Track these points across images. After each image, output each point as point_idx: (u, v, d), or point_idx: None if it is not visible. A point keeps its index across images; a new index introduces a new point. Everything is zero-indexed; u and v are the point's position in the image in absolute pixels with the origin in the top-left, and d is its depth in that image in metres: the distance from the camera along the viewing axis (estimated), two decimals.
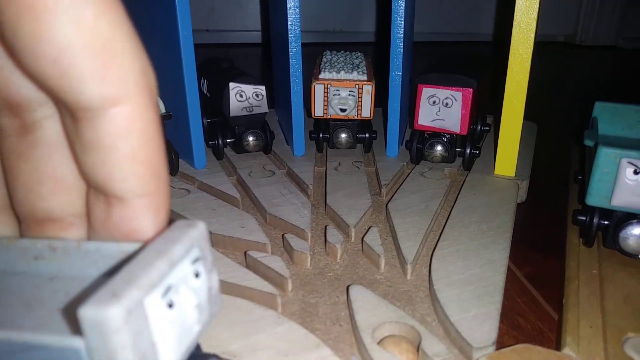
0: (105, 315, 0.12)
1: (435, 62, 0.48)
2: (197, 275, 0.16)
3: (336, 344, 0.26)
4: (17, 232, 0.19)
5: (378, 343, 0.25)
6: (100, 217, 0.17)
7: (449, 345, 0.26)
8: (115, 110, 0.15)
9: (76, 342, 0.13)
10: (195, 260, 0.16)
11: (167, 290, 0.14)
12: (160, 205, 0.17)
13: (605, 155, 0.30)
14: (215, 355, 0.18)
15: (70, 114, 0.15)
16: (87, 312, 0.12)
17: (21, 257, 0.18)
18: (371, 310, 0.27)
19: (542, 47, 0.39)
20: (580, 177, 0.40)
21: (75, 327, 0.13)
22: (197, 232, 0.16)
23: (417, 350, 0.25)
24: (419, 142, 0.45)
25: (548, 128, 0.61)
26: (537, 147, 0.52)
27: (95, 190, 0.16)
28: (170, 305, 0.14)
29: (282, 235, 0.35)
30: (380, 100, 0.50)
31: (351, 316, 0.27)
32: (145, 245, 0.16)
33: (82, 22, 0.14)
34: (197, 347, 0.18)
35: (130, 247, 0.16)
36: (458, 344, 0.25)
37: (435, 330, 0.27)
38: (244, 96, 0.45)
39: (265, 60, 0.99)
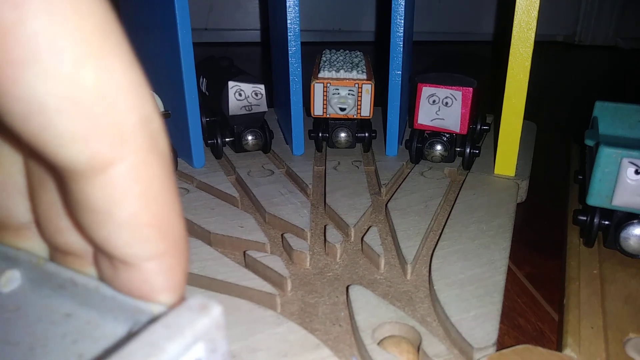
0: None
1: (434, 61, 0.48)
2: None
3: (336, 344, 0.26)
4: (45, 252, 0.18)
5: (378, 344, 0.25)
6: (108, 276, 0.15)
7: (450, 346, 0.25)
8: (107, 171, 0.12)
9: None
10: None
11: None
12: (174, 265, 0.14)
13: (606, 155, 0.30)
14: None
15: (58, 172, 0.13)
16: None
17: (48, 281, 0.17)
18: (371, 310, 0.27)
19: (540, 47, 0.39)
20: (580, 177, 0.40)
21: None
22: (206, 322, 0.13)
23: (418, 350, 0.25)
24: (418, 142, 0.45)
25: (548, 128, 0.60)
26: (536, 147, 0.51)
27: (97, 250, 0.15)
28: None
29: (282, 234, 0.35)
30: (380, 99, 0.50)
31: (351, 316, 0.27)
32: (162, 312, 0.14)
33: (57, 72, 0.11)
34: None
35: (148, 307, 0.15)
36: (459, 345, 0.25)
37: (435, 330, 0.27)
38: (243, 95, 0.45)
39: (265, 60, 0.99)
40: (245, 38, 1.12)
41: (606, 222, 0.32)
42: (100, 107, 0.12)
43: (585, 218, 0.33)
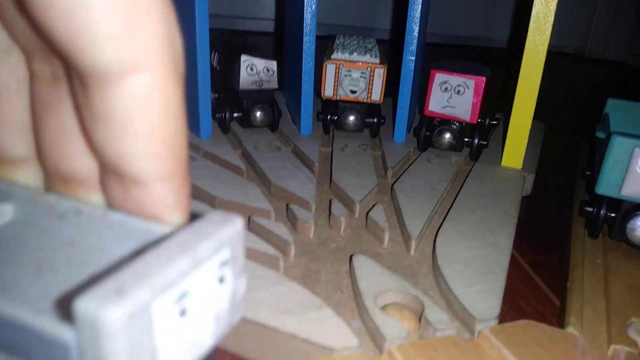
0: (103, 316, 0.10)
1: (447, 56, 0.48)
2: (221, 280, 0.14)
3: (337, 309, 0.25)
4: (42, 185, 0.17)
5: (380, 310, 0.25)
6: (117, 199, 0.15)
7: (452, 317, 0.25)
8: (132, 79, 0.12)
9: (67, 336, 0.12)
10: (224, 264, 0.14)
11: (183, 295, 0.12)
12: (182, 189, 0.15)
13: (619, 144, 0.30)
14: None
15: (80, 79, 0.13)
16: (82, 307, 0.11)
17: (46, 213, 0.17)
18: (375, 278, 0.27)
19: (550, 57, 0.39)
20: (588, 173, 0.39)
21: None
22: (231, 230, 0.14)
23: (419, 319, 0.25)
24: (427, 129, 0.45)
25: (555, 130, 0.60)
26: (544, 145, 0.51)
27: (108, 170, 0.14)
28: (183, 313, 0.12)
29: (287, 205, 0.34)
30: (391, 92, 0.49)
31: (354, 283, 0.27)
32: (173, 232, 0.14)
33: None
34: (209, 358, 0.15)
35: (158, 228, 0.15)
36: (461, 316, 0.25)
37: (437, 302, 0.26)
38: (255, 70, 0.45)
39: (276, 50, 0.99)
40: (257, 27, 1.12)
41: (612, 214, 0.32)
42: (135, 11, 0.12)
43: (591, 209, 0.33)
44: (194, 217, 0.16)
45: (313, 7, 0.43)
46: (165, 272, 0.12)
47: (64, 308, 0.14)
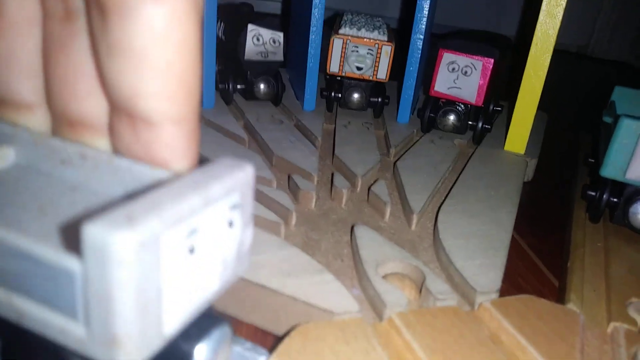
0: (113, 240, 0.10)
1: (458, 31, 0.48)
2: (231, 224, 0.14)
3: (337, 276, 0.25)
4: (49, 132, 0.17)
5: (381, 278, 0.24)
6: (126, 142, 0.14)
7: (452, 289, 0.25)
8: (154, 8, 0.12)
9: (72, 264, 0.11)
10: (234, 207, 0.13)
11: (193, 231, 0.12)
12: (193, 134, 0.14)
13: (626, 126, 0.30)
14: (228, 322, 0.15)
15: (99, 7, 0.13)
16: (91, 232, 0.10)
17: (49, 158, 0.16)
18: (376, 248, 0.26)
19: (553, 55, 0.38)
20: (591, 160, 0.39)
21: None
22: (242, 176, 0.14)
23: (420, 289, 0.25)
24: (432, 111, 0.45)
25: (557, 125, 0.60)
26: (545, 138, 0.51)
27: (119, 109, 0.14)
28: (192, 250, 0.12)
29: (288, 175, 0.34)
30: (396, 74, 0.49)
31: (354, 252, 0.27)
32: (182, 175, 0.14)
33: None
34: (209, 308, 0.15)
35: (165, 174, 0.14)
36: (461, 289, 0.25)
37: (438, 274, 0.26)
38: (261, 40, 0.44)
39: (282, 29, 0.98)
40: (264, 8, 1.11)
41: (615, 199, 0.32)
42: None
43: (594, 193, 0.33)
44: (203, 161, 0.16)
45: None
46: (176, 206, 0.11)
47: (69, 239, 0.14)
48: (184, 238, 0.12)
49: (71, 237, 0.14)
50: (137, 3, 0.12)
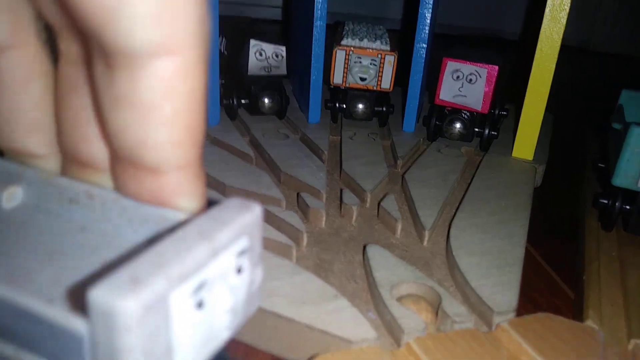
0: (118, 306, 0.10)
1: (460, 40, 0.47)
2: (239, 270, 0.13)
3: (352, 299, 0.25)
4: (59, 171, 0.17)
5: (396, 301, 0.24)
6: (132, 189, 0.14)
7: (469, 310, 0.25)
8: (163, 61, 0.12)
9: (79, 326, 0.11)
10: (242, 253, 0.13)
11: (201, 285, 0.12)
12: (199, 176, 0.14)
13: (637, 135, 0.29)
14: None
15: (105, 60, 0.12)
16: (97, 297, 0.10)
17: (57, 197, 0.16)
18: (390, 268, 0.26)
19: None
20: (601, 165, 0.39)
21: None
22: (250, 218, 0.13)
23: (436, 311, 0.24)
24: (437, 119, 0.44)
25: (563, 123, 0.60)
26: (553, 137, 0.51)
27: (122, 159, 0.14)
28: (200, 305, 0.12)
29: (297, 193, 0.34)
30: (400, 81, 0.49)
31: (368, 274, 0.26)
32: (189, 219, 0.14)
33: None
34: (223, 351, 0.15)
35: (173, 215, 0.14)
36: (478, 309, 0.25)
37: (453, 294, 0.26)
38: (264, 55, 0.44)
39: (283, 38, 0.98)
40: (264, 15, 1.10)
41: (628, 207, 0.32)
42: None
43: (607, 201, 0.33)
44: (210, 203, 0.15)
45: None
46: (183, 261, 0.11)
47: (77, 298, 0.13)
48: (191, 294, 0.12)
49: (80, 293, 0.13)
50: (147, 57, 0.12)
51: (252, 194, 0.33)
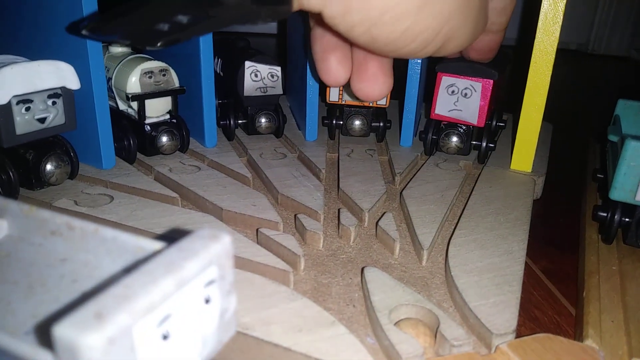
0: (82, 342, 0.10)
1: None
2: (207, 301, 0.14)
3: (350, 324, 0.25)
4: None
5: (394, 325, 0.24)
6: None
7: (468, 332, 0.25)
8: None
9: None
10: (210, 283, 0.13)
11: (166, 317, 0.12)
12: None
13: (633, 148, 0.29)
14: None
15: None
16: (61, 333, 0.10)
17: (39, 229, 0.17)
18: (387, 292, 0.26)
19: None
20: (600, 175, 0.39)
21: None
22: (219, 248, 0.14)
23: (435, 334, 0.24)
24: (434, 133, 0.44)
25: (563, 131, 0.60)
26: (552, 146, 0.51)
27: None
28: (166, 337, 0.12)
29: (295, 215, 0.34)
30: (396, 93, 0.49)
31: (366, 297, 0.26)
32: (163, 248, 0.14)
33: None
34: None
35: (149, 244, 0.15)
36: (477, 331, 0.25)
37: (452, 316, 0.26)
38: (259, 76, 0.44)
39: (280, 51, 0.98)
40: (261, 29, 1.11)
41: (627, 219, 0.32)
42: None
43: (605, 214, 0.32)
44: (183, 233, 0.16)
45: None
46: (148, 294, 0.11)
47: (46, 332, 0.14)
48: (156, 326, 0.12)
49: (49, 327, 0.14)
50: None
51: (249, 218, 0.33)
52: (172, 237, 0.18)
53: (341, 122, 0.47)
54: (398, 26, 0.19)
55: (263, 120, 0.46)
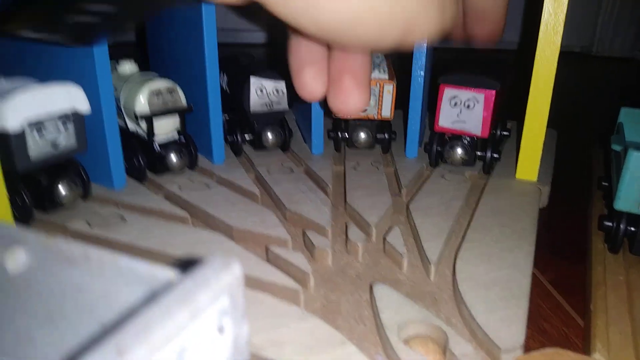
0: None
1: (458, 64, 0.48)
2: (221, 330, 0.14)
3: (360, 342, 0.25)
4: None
5: (404, 342, 0.24)
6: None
7: (476, 347, 0.25)
8: None
9: None
10: (223, 313, 0.14)
11: (182, 350, 0.13)
12: None
13: (636, 159, 0.30)
14: None
15: None
16: None
17: (57, 258, 0.17)
18: (396, 309, 0.26)
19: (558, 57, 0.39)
20: (605, 184, 0.39)
21: None
22: (230, 277, 0.14)
23: (444, 351, 0.25)
24: (438, 145, 0.45)
25: (568, 136, 0.60)
26: (557, 153, 0.51)
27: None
28: None
29: (303, 231, 0.34)
30: (400, 102, 0.49)
31: (375, 315, 0.27)
32: (177, 279, 0.15)
33: None
34: None
35: (164, 273, 0.15)
36: (485, 346, 0.25)
37: (461, 331, 0.26)
38: (265, 92, 0.45)
39: (284, 61, 0.99)
40: (263, 39, 1.12)
41: (633, 228, 0.32)
42: None
43: (611, 224, 0.33)
44: (193, 262, 0.16)
45: None
46: (164, 327, 0.12)
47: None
48: (174, 356, 0.12)
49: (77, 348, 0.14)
50: None
51: (258, 236, 0.33)
52: (186, 261, 0.18)
53: (346, 135, 0.48)
54: (341, 7, 0.18)
55: (269, 135, 0.46)
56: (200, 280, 0.14)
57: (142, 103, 0.39)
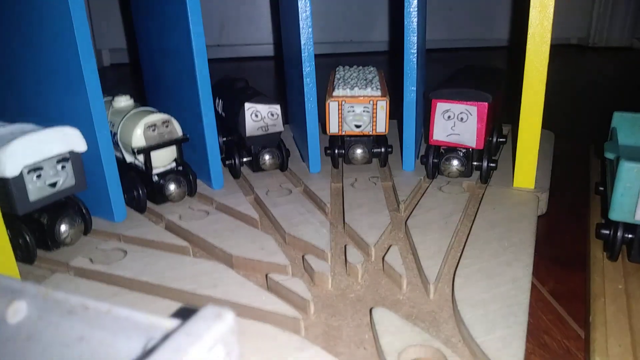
0: None
1: (450, 76, 0.48)
2: None
3: None
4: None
5: None
6: None
7: None
8: None
9: None
10: None
11: None
12: None
13: (627, 169, 0.30)
14: None
15: None
16: None
17: (56, 309, 0.18)
18: (396, 333, 0.27)
19: (554, 50, 0.39)
20: (601, 189, 0.39)
21: None
22: (223, 327, 0.15)
23: None
24: (434, 157, 0.45)
25: (565, 134, 0.60)
26: (555, 156, 0.51)
27: None
28: None
29: (302, 256, 0.35)
30: (395, 112, 0.50)
31: (376, 340, 0.27)
32: (173, 329, 0.15)
33: None
34: None
35: (160, 322, 0.16)
36: None
37: (461, 351, 0.26)
38: (260, 116, 0.45)
39: (279, 73, 1.00)
40: (258, 52, 1.13)
41: (630, 236, 0.32)
42: None
43: (608, 232, 0.33)
44: (188, 312, 0.17)
45: (310, 50, 0.44)
46: None
47: None
48: None
49: None
50: None
51: (257, 263, 0.34)
52: (183, 310, 0.18)
53: (343, 152, 0.48)
54: None
55: (267, 157, 0.47)
56: (195, 333, 0.14)
57: (138, 137, 0.39)
